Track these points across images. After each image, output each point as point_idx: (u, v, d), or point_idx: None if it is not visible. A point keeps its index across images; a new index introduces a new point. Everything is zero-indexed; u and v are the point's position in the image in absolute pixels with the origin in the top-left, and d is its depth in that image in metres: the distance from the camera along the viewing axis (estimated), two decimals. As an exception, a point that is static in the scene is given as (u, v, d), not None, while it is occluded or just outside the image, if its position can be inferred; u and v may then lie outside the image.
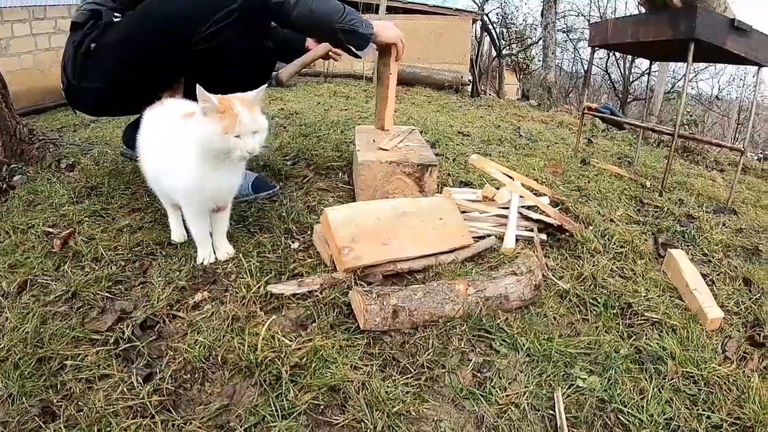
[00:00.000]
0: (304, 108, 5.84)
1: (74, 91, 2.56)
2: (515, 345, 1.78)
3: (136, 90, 2.36)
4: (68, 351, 1.57)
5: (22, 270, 1.97)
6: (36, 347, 1.57)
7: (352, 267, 1.97)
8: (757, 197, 4.32)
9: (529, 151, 4.70)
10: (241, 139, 1.78)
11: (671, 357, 1.83)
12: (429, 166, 2.58)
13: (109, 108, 2.79)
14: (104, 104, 2.67)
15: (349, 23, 2.42)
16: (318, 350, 1.60)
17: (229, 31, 2.28)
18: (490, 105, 9.19)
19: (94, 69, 2.44)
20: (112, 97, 2.54)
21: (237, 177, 2.02)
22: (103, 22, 2.40)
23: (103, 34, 2.40)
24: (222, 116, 1.75)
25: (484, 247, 2.35)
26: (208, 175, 1.88)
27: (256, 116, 1.81)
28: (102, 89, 2.49)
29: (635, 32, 3.92)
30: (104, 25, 2.40)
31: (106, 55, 2.40)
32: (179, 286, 1.90)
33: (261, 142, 1.85)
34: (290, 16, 2.32)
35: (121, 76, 2.42)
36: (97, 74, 2.44)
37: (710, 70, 18.69)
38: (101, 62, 2.42)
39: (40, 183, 2.76)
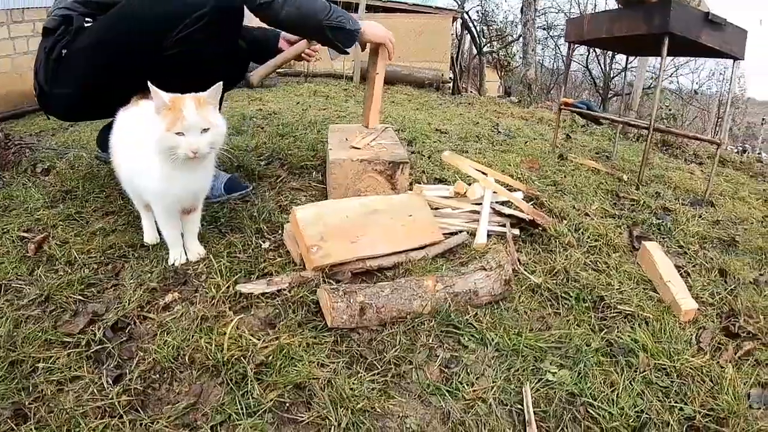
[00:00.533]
0: (282, 108, 5.84)
1: (46, 97, 2.56)
2: (484, 340, 1.79)
3: (108, 95, 2.34)
4: (40, 354, 1.57)
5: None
6: (9, 351, 1.57)
7: (320, 265, 1.98)
8: (735, 189, 4.36)
9: (506, 147, 4.72)
10: (185, 137, 1.76)
11: (643, 349, 1.83)
12: (400, 163, 2.60)
13: (82, 113, 2.79)
14: (77, 110, 2.66)
15: (337, 20, 2.47)
16: (284, 348, 1.61)
17: (200, 35, 2.27)
18: (470, 102, 9.22)
19: (65, 75, 2.43)
20: (84, 103, 2.53)
21: (204, 178, 2.02)
22: (74, 27, 2.38)
23: (74, 39, 2.38)
24: (167, 113, 1.75)
25: (455, 243, 2.37)
26: (172, 175, 1.87)
27: (206, 114, 1.79)
28: (74, 95, 2.48)
29: (610, 27, 3.95)
30: (75, 31, 2.38)
31: (78, 61, 2.39)
32: (150, 287, 1.91)
33: (211, 141, 1.82)
34: (279, 16, 2.34)
35: (93, 81, 2.41)
36: (68, 80, 2.43)
37: (690, 65, 18.85)
38: (73, 68, 2.40)
39: (15, 188, 2.75)
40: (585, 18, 4.62)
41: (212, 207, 2.50)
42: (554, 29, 20.93)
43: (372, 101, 2.95)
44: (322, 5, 2.44)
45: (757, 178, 5.44)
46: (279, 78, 9.43)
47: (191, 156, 1.78)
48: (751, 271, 2.59)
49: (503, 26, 21.30)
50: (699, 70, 18.95)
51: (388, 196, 2.47)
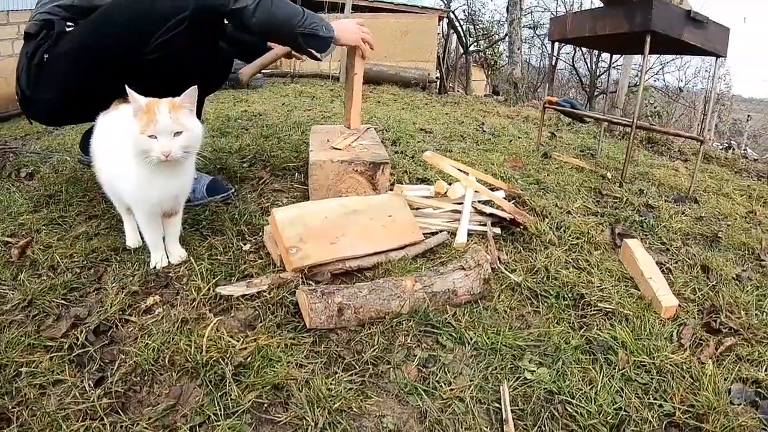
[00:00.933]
0: (268, 109, 5.84)
1: (28, 102, 2.56)
2: (462, 339, 1.80)
3: (90, 99, 2.33)
4: (23, 358, 1.57)
5: (-20, 280, 1.98)
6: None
7: (299, 266, 2.00)
8: (719, 185, 4.39)
9: (490, 146, 4.75)
10: (158, 140, 1.77)
11: (622, 346, 1.85)
12: (381, 164, 2.62)
13: (64, 117, 2.78)
14: (59, 114, 2.66)
15: (310, 27, 2.43)
16: (262, 349, 1.62)
17: (180, 39, 2.26)
18: (456, 102, 9.23)
19: (47, 80, 2.43)
20: (66, 107, 2.53)
21: (183, 182, 2.02)
22: (56, 32, 2.38)
23: (56, 44, 2.38)
24: (142, 116, 1.76)
25: (435, 242, 2.39)
26: (150, 178, 1.89)
27: (180, 117, 1.79)
28: (56, 99, 2.48)
29: (593, 26, 3.98)
30: (56, 35, 2.38)
31: (59, 66, 2.39)
32: (132, 291, 1.92)
33: (184, 145, 1.82)
34: (250, 23, 2.31)
35: (75, 86, 2.41)
36: (50, 85, 2.43)
37: (676, 63, 18.88)
38: (54, 73, 2.41)
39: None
40: (568, 17, 4.65)
41: (194, 210, 2.52)
42: (540, 28, 20.95)
43: (353, 102, 2.96)
44: (294, 11, 2.42)
45: (741, 174, 5.49)
46: (265, 79, 9.41)
47: (163, 159, 1.78)
48: (734, 267, 2.62)
49: (489, 25, 21.30)
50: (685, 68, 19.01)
51: (368, 197, 2.49)
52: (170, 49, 2.27)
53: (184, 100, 1.81)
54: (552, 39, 4.83)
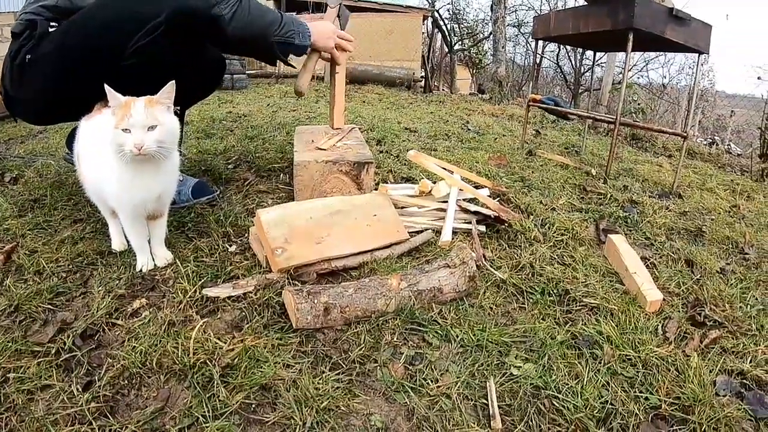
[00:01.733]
0: (253, 110, 5.84)
1: (11, 101, 2.56)
2: (448, 336, 1.81)
3: (72, 100, 2.32)
4: (11, 364, 1.57)
5: (-35, 287, 1.97)
6: (-21, 362, 1.58)
7: (285, 267, 2.01)
8: (703, 181, 4.43)
9: (475, 145, 4.76)
10: (131, 134, 1.77)
11: (608, 341, 1.86)
12: (365, 163, 2.64)
13: (48, 117, 2.78)
14: (41, 113, 2.66)
15: (286, 35, 2.42)
16: (249, 350, 1.63)
17: (159, 44, 2.24)
18: (441, 100, 9.24)
19: (29, 80, 2.42)
20: (49, 107, 2.53)
21: (165, 182, 2.00)
22: (38, 32, 2.37)
23: (38, 44, 2.37)
24: (118, 112, 1.77)
25: (420, 241, 2.40)
26: (130, 178, 1.89)
27: (155, 112, 1.79)
28: (38, 100, 2.49)
29: (576, 24, 4.00)
30: (39, 36, 2.37)
31: (40, 66, 2.38)
32: (118, 294, 1.92)
33: (158, 139, 1.81)
34: (226, 32, 2.28)
35: (56, 87, 2.40)
36: (32, 85, 2.43)
37: (660, 60, 18.95)
38: (36, 73, 2.39)
39: (-17, 198, 2.75)
40: (552, 15, 4.67)
41: (179, 212, 2.51)
42: (525, 26, 21.01)
43: (335, 101, 2.97)
44: (272, 19, 2.40)
45: (725, 169, 5.54)
46: (250, 79, 9.41)
47: (136, 152, 1.77)
48: (718, 260, 2.64)
49: (474, 24, 21.37)
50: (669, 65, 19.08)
51: (353, 197, 2.50)
52: (149, 55, 2.25)
53: (161, 96, 1.82)
54: (536, 37, 4.85)
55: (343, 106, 3.05)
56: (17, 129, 5.13)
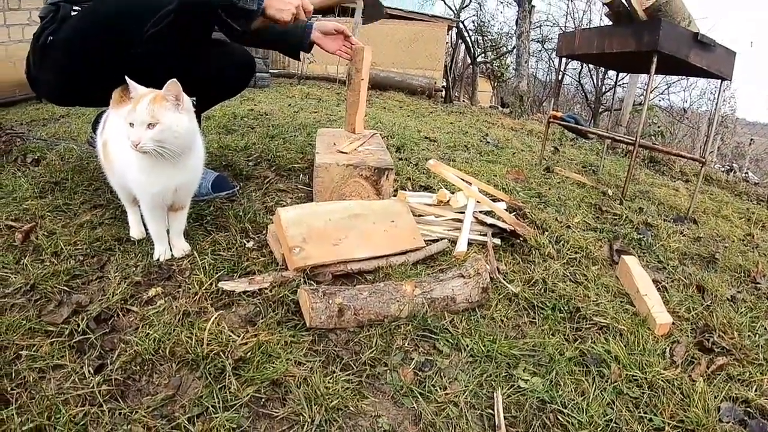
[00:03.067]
0: (274, 109, 5.87)
1: (34, 81, 2.60)
2: (459, 345, 1.82)
3: (88, 85, 2.38)
4: (24, 342, 1.59)
5: (-17, 262, 2.00)
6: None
7: (301, 266, 2.02)
8: (719, 207, 4.42)
9: (493, 158, 4.78)
10: (133, 128, 1.78)
11: (615, 360, 1.86)
12: (386, 169, 2.64)
13: (66, 98, 2.80)
14: (60, 95, 2.71)
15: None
16: (262, 345, 1.64)
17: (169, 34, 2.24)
18: (461, 111, 9.28)
19: (49, 61, 2.47)
20: (65, 89, 2.58)
21: (183, 176, 2.01)
22: (61, 15, 2.41)
23: (60, 27, 2.41)
24: (132, 103, 1.80)
25: (436, 250, 2.40)
26: (147, 169, 1.91)
27: (156, 110, 1.78)
28: (56, 81, 2.53)
29: (601, 43, 4.01)
30: (61, 19, 2.41)
31: (60, 49, 2.41)
32: (134, 281, 1.93)
33: (156, 138, 1.80)
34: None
35: (71, 70, 2.44)
36: (52, 66, 2.47)
37: (682, 83, 18.92)
38: (55, 55, 2.43)
39: (4, 176, 2.78)
40: (577, 33, 4.68)
41: (198, 205, 2.53)
42: (548, 42, 21.00)
43: (358, 107, 2.98)
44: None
45: (741, 197, 5.53)
46: (272, 78, 9.45)
47: (134, 147, 1.78)
48: (729, 288, 2.64)
49: (498, 37, 21.39)
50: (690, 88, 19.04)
51: (372, 201, 2.51)
52: (160, 45, 2.26)
53: (166, 93, 1.81)
54: (560, 54, 4.87)
55: (364, 111, 3.07)
56: (39, 111, 5.19)
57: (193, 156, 2.01)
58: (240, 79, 2.98)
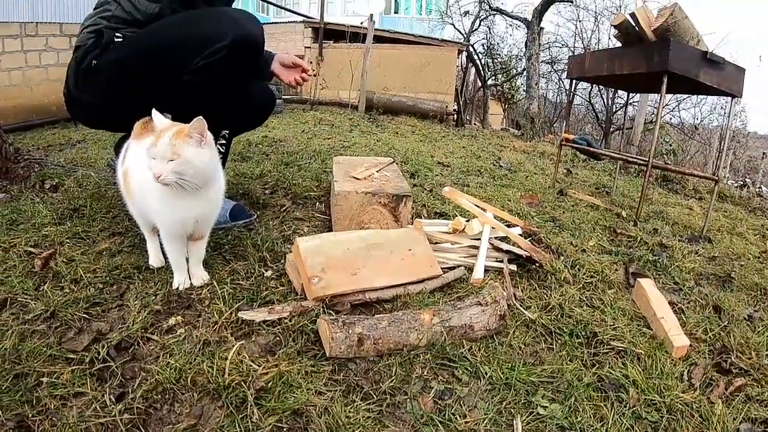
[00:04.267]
0: (288, 136, 5.91)
1: (72, 101, 2.65)
2: (477, 373, 1.82)
3: (127, 110, 2.38)
4: (45, 368, 1.60)
5: (3, 288, 2.01)
6: (14, 363, 1.61)
7: (320, 296, 2.03)
8: (733, 225, 4.42)
9: (507, 182, 4.79)
10: (155, 162, 1.82)
11: (633, 385, 1.86)
12: (403, 196, 2.67)
13: (103, 122, 2.85)
14: (98, 118, 2.76)
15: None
16: (283, 375, 1.65)
17: (218, 68, 2.31)
18: (473, 135, 9.30)
19: (91, 83, 2.51)
20: (105, 113, 2.64)
21: (202, 208, 2.03)
22: (104, 41, 2.45)
23: (103, 53, 2.46)
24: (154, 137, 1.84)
25: (453, 277, 2.41)
26: (167, 199, 1.94)
27: (178, 145, 1.81)
28: (96, 104, 2.58)
29: (611, 65, 4.04)
30: (105, 44, 2.45)
31: (103, 74, 2.46)
32: (154, 309, 1.94)
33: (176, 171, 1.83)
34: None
35: (114, 97, 2.49)
36: (92, 90, 2.52)
37: (693, 100, 18.88)
38: (97, 80, 2.48)
39: (23, 202, 2.81)
40: (586, 55, 4.71)
41: (217, 233, 2.54)
42: (558, 63, 21.04)
43: None
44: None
45: (755, 212, 5.51)
46: (285, 105, 9.52)
47: (156, 179, 1.82)
48: (746, 307, 2.62)
49: (507, 60, 21.45)
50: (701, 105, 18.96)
51: (389, 230, 2.53)
52: (207, 76, 2.32)
53: (191, 130, 1.84)
54: (570, 77, 4.90)
55: None
56: (56, 136, 5.26)
57: (214, 188, 2.04)
58: (264, 111, 3.05)
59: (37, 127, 6.24)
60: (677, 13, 3.50)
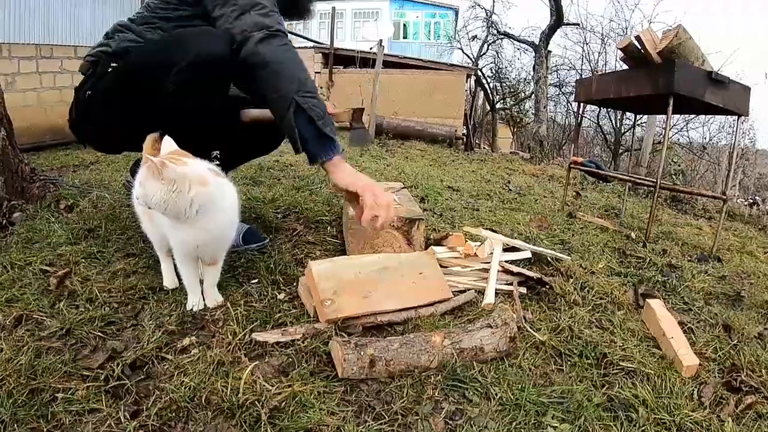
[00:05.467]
0: (299, 160, 5.92)
1: (78, 129, 2.71)
2: (488, 394, 1.83)
3: (128, 135, 2.44)
4: (60, 384, 1.63)
5: (18, 305, 2.05)
6: (29, 378, 1.64)
7: (333, 318, 2.05)
8: (743, 243, 4.44)
9: (516, 206, 4.81)
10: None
11: (643, 404, 1.86)
12: (416, 220, 2.71)
13: (111, 147, 2.94)
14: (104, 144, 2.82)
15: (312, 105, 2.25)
16: (297, 395, 1.67)
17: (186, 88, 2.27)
18: (482, 159, 9.33)
19: (89, 112, 2.58)
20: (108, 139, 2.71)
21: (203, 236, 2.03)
22: (99, 71, 2.52)
23: (97, 82, 2.52)
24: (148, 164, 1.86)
25: (463, 300, 2.43)
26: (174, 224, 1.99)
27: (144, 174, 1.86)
28: (97, 130, 2.64)
29: (618, 88, 4.09)
30: (99, 74, 2.52)
31: (97, 101, 2.52)
32: (169, 330, 1.97)
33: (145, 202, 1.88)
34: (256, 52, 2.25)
35: (109, 122, 2.53)
36: (91, 117, 2.58)
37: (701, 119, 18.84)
38: (94, 107, 2.54)
39: (39, 222, 2.86)
40: (593, 79, 4.75)
41: (230, 256, 2.54)
42: (566, 86, 21.10)
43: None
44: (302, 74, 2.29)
45: (765, 231, 5.51)
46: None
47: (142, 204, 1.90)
48: (756, 325, 2.62)
49: (516, 83, 21.53)
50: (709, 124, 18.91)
51: (400, 254, 2.56)
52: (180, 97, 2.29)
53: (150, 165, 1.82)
54: (578, 100, 4.94)
55: None
56: (69, 157, 5.32)
57: (213, 220, 2.02)
58: (273, 138, 3.11)
59: (51, 148, 6.31)
60: (681, 35, 3.54)
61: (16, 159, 3.14)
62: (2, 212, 2.93)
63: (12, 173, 3.10)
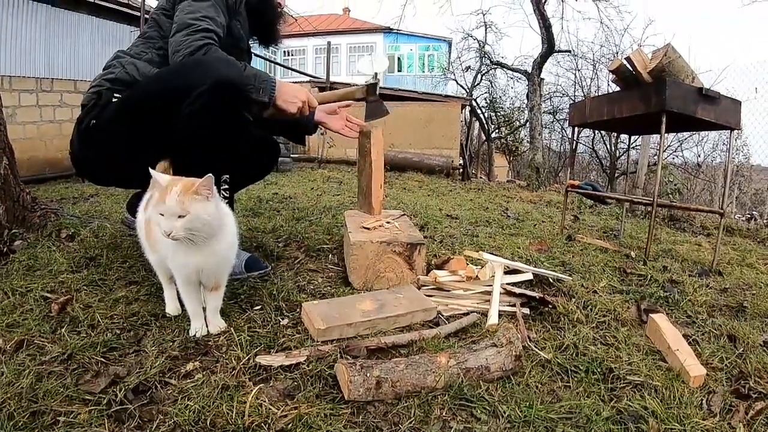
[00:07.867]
0: (298, 193, 5.99)
1: (78, 162, 2.74)
2: (496, 412, 1.82)
3: (129, 165, 2.46)
4: (62, 408, 1.62)
5: (20, 330, 2.05)
6: (30, 402, 1.63)
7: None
8: (743, 256, 4.44)
9: (515, 231, 4.82)
10: (164, 219, 1.87)
11: (653, 415, 1.85)
12: (417, 245, 2.74)
13: (110, 179, 2.93)
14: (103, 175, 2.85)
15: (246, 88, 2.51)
16: (303, 417, 1.65)
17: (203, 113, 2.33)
18: (480, 188, 9.40)
19: (92, 144, 2.60)
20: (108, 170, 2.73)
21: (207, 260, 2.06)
22: (102, 102, 2.55)
23: (101, 112, 2.55)
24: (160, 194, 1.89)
25: (467, 322, 2.43)
26: (182, 249, 1.99)
27: (186, 201, 1.87)
28: (99, 162, 2.66)
29: (611, 109, 4.13)
30: (102, 105, 2.55)
31: (101, 132, 2.54)
32: (172, 355, 1.96)
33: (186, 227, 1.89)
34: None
35: (114, 154, 2.56)
36: (94, 149, 2.60)
37: (694, 138, 18.87)
38: (97, 137, 2.57)
39: (40, 250, 2.87)
40: (587, 102, 4.79)
41: (232, 283, 2.56)
42: (559, 113, 21.22)
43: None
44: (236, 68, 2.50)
45: (764, 243, 5.52)
46: (294, 163, 9.66)
47: (166, 236, 1.88)
48: (761, 333, 2.61)
49: (510, 112, 21.67)
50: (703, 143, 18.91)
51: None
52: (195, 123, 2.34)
53: (200, 188, 1.89)
54: (572, 124, 4.98)
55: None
56: (69, 190, 5.34)
57: (220, 241, 2.07)
58: (268, 162, 3.13)
59: (51, 181, 6.35)
60: (670, 54, 3.60)
61: (17, 188, 3.16)
62: (3, 240, 2.95)
63: (13, 202, 3.12)
